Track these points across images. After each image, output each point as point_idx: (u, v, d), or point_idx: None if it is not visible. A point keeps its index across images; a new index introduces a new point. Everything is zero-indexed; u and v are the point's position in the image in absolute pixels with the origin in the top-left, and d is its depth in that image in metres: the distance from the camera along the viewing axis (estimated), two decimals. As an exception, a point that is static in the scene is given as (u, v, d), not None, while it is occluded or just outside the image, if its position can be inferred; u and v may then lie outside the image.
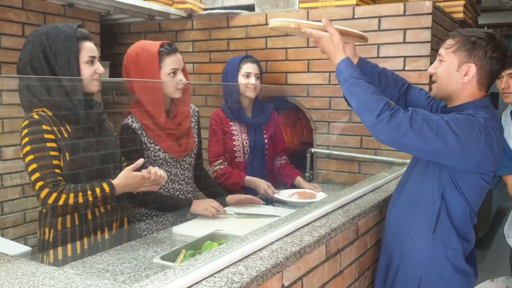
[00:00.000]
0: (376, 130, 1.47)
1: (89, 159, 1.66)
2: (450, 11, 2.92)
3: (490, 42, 1.53)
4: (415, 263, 1.64)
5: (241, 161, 2.52)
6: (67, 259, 1.63)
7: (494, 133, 1.51)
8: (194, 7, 3.13)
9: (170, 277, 1.05)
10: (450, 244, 1.60)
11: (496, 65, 1.55)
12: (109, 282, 1.23)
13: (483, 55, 1.53)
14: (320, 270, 1.45)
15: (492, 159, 1.52)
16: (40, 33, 1.61)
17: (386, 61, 2.58)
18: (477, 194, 1.60)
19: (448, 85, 1.59)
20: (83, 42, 1.64)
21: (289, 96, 2.90)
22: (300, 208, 1.80)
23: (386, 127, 1.44)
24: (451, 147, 1.44)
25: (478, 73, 1.55)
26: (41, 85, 1.61)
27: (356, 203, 1.83)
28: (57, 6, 2.83)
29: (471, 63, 1.54)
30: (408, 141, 1.44)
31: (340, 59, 1.58)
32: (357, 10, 2.64)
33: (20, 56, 1.63)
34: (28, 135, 1.56)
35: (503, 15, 7.10)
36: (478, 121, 1.48)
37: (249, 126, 2.53)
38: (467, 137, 1.45)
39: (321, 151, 2.82)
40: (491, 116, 1.54)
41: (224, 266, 1.16)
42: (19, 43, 2.70)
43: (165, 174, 1.69)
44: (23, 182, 2.71)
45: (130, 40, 3.36)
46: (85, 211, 1.65)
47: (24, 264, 1.22)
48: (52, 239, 1.64)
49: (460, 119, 1.49)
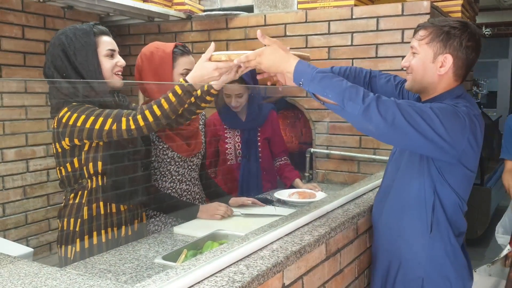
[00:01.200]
0: (366, 117, 1.35)
1: (122, 151, 1.70)
2: (448, 10, 2.93)
3: (465, 31, 1.49)
4: (414, 266, 1.60)
5: (234, 164, 2.56)
6: (93, 250, 1.66)
7: (477, 120, 1.48)
8: (193, 9, 3.14)
9: (172, 276, 1.06)
10: (448, 240, 1.58)
11: (472, 54, 1.51)
12: (111, 283, 1.24)
13: (458, 45, 1.48)
14: (320, 269, 1.46)
15: (476, 148, 1.49)
16: (59, 34, 1.66)
17: (384, 61, 2.60)
18: (465, 184, 1.58)
19: (424, 77, 1.53)
20: (100, 36, 1.67)
21: (288, 97, 2.91)
22: (300, 208, 1.81)
23: (375, 113, 1.33)
24: (439, 136, 1.38)
25: (454, 64, 1.50)
26: (67, 85, 1.64)
27: (356, 202, 1.84)
28: (56, 9, 2.84)
29: (447, 54, 1.49)
30: (398, 128, 1.34)
31: (295, 62, 1.44)
32: (355, 11, 2.65)
33: (45, 60, 1.67)
34: (76, 110, 1.58)
35: (501, 14, 7.11)
36: (462, 110, 1.44)
37: (243, 129, 2.56)
38: (453, 127, 1.40)
39: (321, 151, 2.84)
40: (470, 104, 1.51)
41: (225, 265, 1.17)
42: (19, 45, 2.72)
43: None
44: (25, 183, 2.73)
45: (130, 41, 3.37)
46: (176, 116, 1.65)
47: (26, 265, 1.23)
48: (78, 228, 1.66)
49: (443, 107, 1.43)
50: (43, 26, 2.84)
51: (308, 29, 2.78)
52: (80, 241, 1.66)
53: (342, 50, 2.70)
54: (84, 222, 1.66)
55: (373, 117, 1.34)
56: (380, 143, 2.67)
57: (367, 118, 1.35)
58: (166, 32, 3.25)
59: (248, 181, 2.55)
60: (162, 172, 2.06)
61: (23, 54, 2.75)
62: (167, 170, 2.06)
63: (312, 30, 2.76)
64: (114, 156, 1.68)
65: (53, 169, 2.71)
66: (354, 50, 2.67)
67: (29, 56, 2.77)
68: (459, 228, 1.61)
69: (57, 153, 1.66)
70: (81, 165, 1.65)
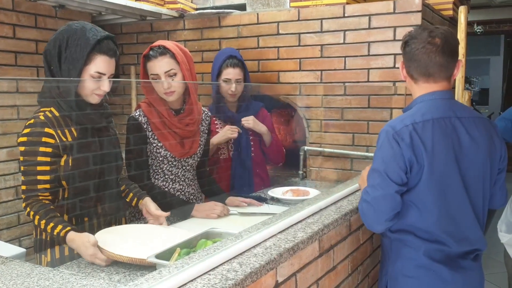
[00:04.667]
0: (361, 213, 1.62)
1: (90, 162, 1.65)
2: (440, 8, 2.94)
3: (413, 37, 1.61)
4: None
5: (226, 158, 2.56)
6: (64, 258, 1.64)
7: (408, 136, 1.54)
8: (185, 7, 3.13)
9: (165, 275, 1.06)
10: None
11: (420, 55, 1.59)
12: (104, 282, 1.24)
13: (407, 50, 1.62)
14: (313, 266, 1.47)
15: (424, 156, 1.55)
16: (66, 28, 1.59)
17: (376, 59, 2.61)
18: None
19: (408, 88, 1.71)
20: (98, 55, 1.57)
21: (282, 95, 2.92)
22: (294, 205, 1.82)
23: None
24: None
25: (405, 66, 1.65)
26: (50, 85, 1.60)
27: (349, 199, 1.85)
28: (48, 8, 2.82)
29: (402, 61, 1.68)
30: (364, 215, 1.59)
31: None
32: (347, 9, 2.66)
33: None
34: (27, 136, 1.56)
35: (492, 11, 7.16)
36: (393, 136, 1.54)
37: (234, 123, 2.56)
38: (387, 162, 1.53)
39: (314, 149, 2.84)
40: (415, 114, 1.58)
41: (219, 263, 1.17)
42: (10, 44, 2.70)
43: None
44: (17, 184, 2.71)
45: (122, 40, 3.36)
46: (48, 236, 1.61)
47: (18, 266, 1.23)
48: (50, 238, 1.63)
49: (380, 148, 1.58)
50: (35, 26, 2.82)
51: (300, 27, 2.78)
52: (50, 248, 1.64)
53: (334, 48, 2.70)
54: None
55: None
56: (373, 141, 2.68)
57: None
58: (158, 31, 3.24)
59: (240, 174, 2.56)
60: (155, 170, 2.06)
61: (14, 53, 2.73)
62: (160, 169, 2.06)
63: (305, 28, 2.77)
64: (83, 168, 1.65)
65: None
66: (347, 48, 2.68)
67: (21, 56, 2.76)
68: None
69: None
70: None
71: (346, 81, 2.70)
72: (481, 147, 1.58)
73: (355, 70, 2.67)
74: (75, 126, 1.62)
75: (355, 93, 2.70)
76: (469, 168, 1.56)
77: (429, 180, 1.51)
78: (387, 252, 1.68)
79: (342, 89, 2.73)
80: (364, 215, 1.57)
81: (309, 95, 2.83)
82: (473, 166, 1.57)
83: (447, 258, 1.58)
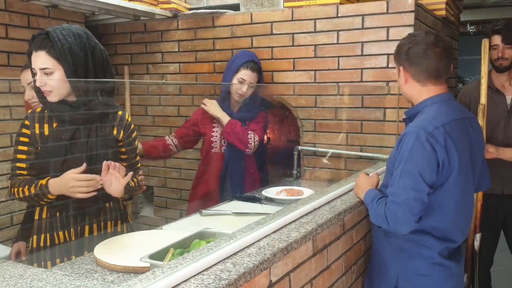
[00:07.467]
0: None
1: (58, 153, 1.70)
2: (433, 8, 2.96)
3: (411, 41, 1.66)
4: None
5: (217, 152, 2.60)
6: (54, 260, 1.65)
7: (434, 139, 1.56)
8: (179, 7, 3.13)
9: (159, 275, 1.06)
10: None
11: (423, 60, 1.64)
12: (98, 283, 1.23)
13: (405, 55, 1.67)
14: (307, 265, 1.47)
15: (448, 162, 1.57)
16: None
17: (370, 59, 2.62)
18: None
19: (404, 94, 1.76)
20: (34, 51, 1.67)
21: (276, 95, 2.92)
22: (288, 205, 1.82)
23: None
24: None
25: (407, 72, 1.68)
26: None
27: (342, 199, 1.85)
28: (41, 8, 2.81)
29: (400, 67, 1.72)
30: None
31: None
32: (341, 9, 2.67)
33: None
34: (18, 130, 1.73)
35: (485, 11, 7.20)
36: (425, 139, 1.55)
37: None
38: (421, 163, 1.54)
39: (308, 149, 2.85)
40: (437, 114, 1.60)
41: (212, 263, 1.17)
42: (2, 44, 2.68)
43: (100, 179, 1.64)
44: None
45: (116, 41, 3.35)
46: (36, 204, 1.72)
47: (11, 267, 1.22)
48: (35, 197, 1.68)
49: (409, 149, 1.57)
50: (27, 26, 2.80)
51: (294, 27, 2.78)
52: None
53: (328, 48, 2.71)
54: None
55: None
56: (367, 141, 2.69)
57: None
58: (152, 31, 3.24)
59: (232, 170, 2.58)
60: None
61: (7, 53, 2.71)
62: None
63: (298, 28, 2.77)
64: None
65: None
66: (340, 48, 2.69)
67: (13, 56, 2.74)
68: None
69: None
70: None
71: (339, 81, 2.71)
72: (480, 146, 1.72)
73: (349, 70, 2.68)
74: (55, 122, 1.72)
75: (349, 93, 2.72)
76: (475, 165, 1.68)
77: (456, 180, 1.56)
78: (394, 252, 1.70)
79: (336, 89, 2.74)
80: (392, 217, 1.54)
81: (303, 95, 2.84)
82: (477, 164, 1.70)
83: (453, 253, 1.67)
